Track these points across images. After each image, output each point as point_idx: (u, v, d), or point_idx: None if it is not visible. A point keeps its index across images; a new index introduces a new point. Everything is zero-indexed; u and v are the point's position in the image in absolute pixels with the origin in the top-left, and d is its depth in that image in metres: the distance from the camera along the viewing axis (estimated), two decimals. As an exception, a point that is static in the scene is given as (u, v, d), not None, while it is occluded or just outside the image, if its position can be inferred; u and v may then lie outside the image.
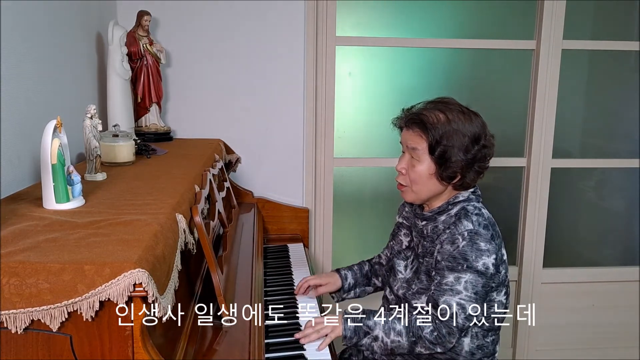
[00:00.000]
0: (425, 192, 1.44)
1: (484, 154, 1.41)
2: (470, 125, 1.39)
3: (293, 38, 2.31)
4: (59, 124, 1.14)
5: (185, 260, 1.19)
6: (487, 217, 1.41)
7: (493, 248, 1.36)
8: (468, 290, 1.33)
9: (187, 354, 1.11)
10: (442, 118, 1.38)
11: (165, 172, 1.57)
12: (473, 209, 1.41)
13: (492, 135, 1.44)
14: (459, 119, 1.38)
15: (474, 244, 1.34)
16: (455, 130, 1.37)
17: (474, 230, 1.36)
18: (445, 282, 1.35)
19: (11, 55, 1.36)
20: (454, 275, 1.34)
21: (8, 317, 0.84)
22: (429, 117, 1.39)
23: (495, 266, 1.35)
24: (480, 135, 1.40)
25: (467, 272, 1.33)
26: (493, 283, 1.38)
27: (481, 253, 1.34)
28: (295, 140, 2.39)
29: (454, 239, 1.36)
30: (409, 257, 1.54)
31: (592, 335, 2.74)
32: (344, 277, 1.71)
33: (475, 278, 1.33)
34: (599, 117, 2.77)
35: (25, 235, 0.97)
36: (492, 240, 1.36)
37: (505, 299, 1.44)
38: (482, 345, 1.44)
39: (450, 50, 2.53)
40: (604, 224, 2.85)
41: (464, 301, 1.33)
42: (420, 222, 1.50)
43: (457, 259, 1.34)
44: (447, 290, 1.34)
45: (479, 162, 1.41)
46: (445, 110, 1.40)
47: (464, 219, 1.38)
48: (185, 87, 2.31)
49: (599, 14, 2.66)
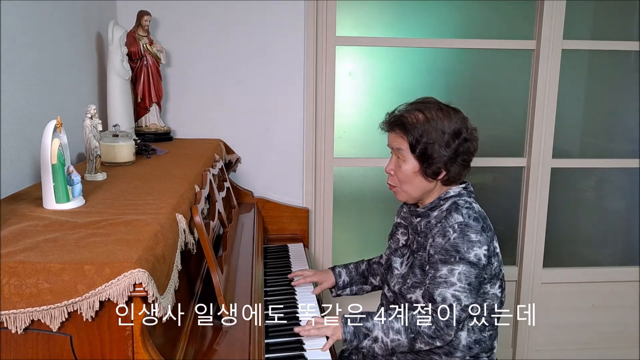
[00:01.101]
0: (414, 190, 1.50)
1: (466, 147, 1.46)
2: (448, 122, 1.45)
3: (293, 38, 2.31)
4: (59, 124, 1.14)
5: (185, 260, 1.19)
6: (477, 211, 1.45)
7: (484, 239, 1.39)
8: (462, 281, 1.36)
9: (187, 354, 1.11)
10: (421, 117, 1.45)
11: (165, 172, 1.57)
12: (464, 202, 1.46)
13: (475, 129, 1.49)
14: (437, 117, 1.45)
15: (465, 236, 1.38)
16: (434, 128, 1.43)
17: (464, 222, 1.40)
18: (439, 275, 1.38)
19: (11, 55, 1.36)
20: (447, 267, 1.37)
21: (8, 317, 0.84)
22: (408, 118, 1.47)
23: (487, 257, 1.39)
24: (460, 129, 1.45)
25: (460, 264, 1.36)
26: (485, 274, 1.41)
27: (472, 244, 1.37)
28: (295, 140, 2.39)
29: (445, 231, 1.40)
30: (405, 254, 1.57)
31: (592, 335, 2.74)
32: (338, 275, 1.78)
33: (468, 269, 1.36)
34: (599, 117, 2.77)
35: (25, 235, 0.97)
36: (482, 232, 1.40)
37: (500, 292, 1.47)
38: (479, 340, 1.46)
39: (450, 50, 2.53)
40: (604, 224, 2.85)
41: (458, 292, 1.36)
42: (415, 219, 1.54)
43: (449, 251, 1.38)
44: (441, 282, 1.37)
45: (462, 155, 1.46)
46: (423, 109, 1.47)
47: (454, 212, 1.43)
48: (185, 87, 2.31)
49: (599, 14, 2.66)
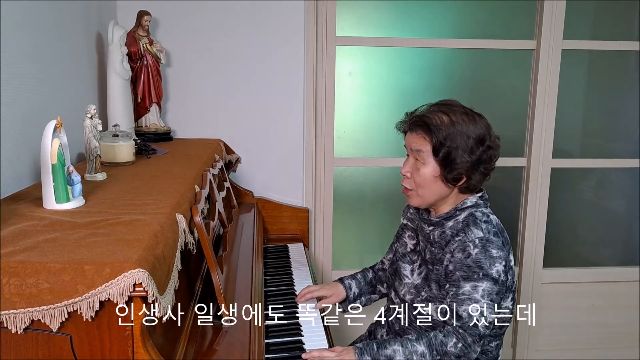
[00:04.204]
0: (430, 195, 1.42)
1: (489, 155, 1.39)
2: (474, 127, 1.37)
3: (293, 38, 2.31)
4: (59, 124, 1.14)
5: (185, 260, 1.19)
6: (496, 224, 1.39)
7: (504, 255, 1.34)
8: (485, 297, 1.30)
9: (187, 354, 1.11)
10: (446, 120, 1.37)
11: (165, 172, 1.57)
12: (481, 215, 1.39)
13: (498, 137, 1.42)
14: (462, 121, 1.37)
15: (487, 252, 1.32)
16: (459, 132, 1.36)
17: (485, 237, 1.33)
18: (462, 292, 1.32)
19: (11, 55, 1.36)
20: (471, 284, 1.31)
21: (8, 317, 0.84)
22: (433, 119, 1.38)
23: (504, 273, 1.34)
24: (484, 136, 1.38)
25: (484, 280, 1.31)
26: (503, 289, 1.36)
27: (494, 260, 1.32)
28: (295, 140, 2.39)
29: (465, 246, 1.34)
30: (415, 261, 1.51)
31: (592, 335, 2.74)
32: (348, 287, 1.66)
33: (491, 286, 1.31)
34: (599, 117, 2.77)
35: (25, 235, 0.97)
36: (503, 247, 1.35)
37: (511, 305, 1.42)
38: (486, 351, 1.43)
39: (450, 50, 2.53)
40: (604, 224, 2.85)
41: (483, 309, 1.30)
42: (427, 227, 1.47)
43: (472, 267, 1.32)
44: (465, 299, 1.31)
45: (484, 163, 1.39)
46: (448, 112, 1.39)
47: (473, 227, 1.36)
48: (185, 87, 2.31)
49: (599, 14, 2.66)
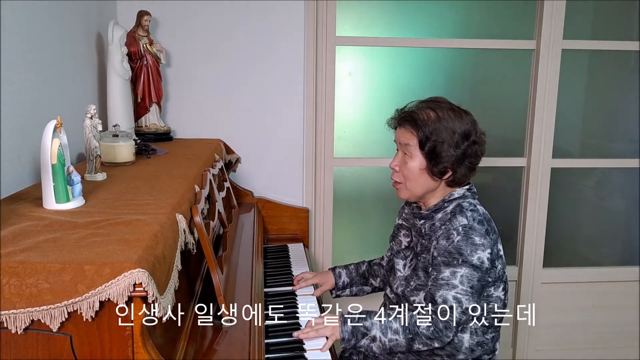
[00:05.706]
0: (418, 188, 1.49)
1: (474, 150, 1.45)
2: (460, 122, 1.44)
3: (293, 38, 2.31)
4: (59, 124, 1.14)
5: (185, 260, 1.19)
6: (482, 213, 1.45)
7: (488, 242, 1.38)
8: (464, 284, 1.35)
9: (187, 353, 1.11)
10: (433, 115, 1.44)
11: (165, 172, 1.57)
12: (468, 205, 1.45)
13: (484, 133, 1.49)
14: (448, 117, 1.44)
15: (469, 239, 1.37)
16: (444, 127, 1.43)
17: (468, 225, 1.39)
18: (441, 277, 1.38)
19: (11, 55, 1.36)
20: (450, 269, 1.37)
21: (8, 317, 0.84)
22: (420, 115, 1.46)
23: (490, 261, 1.38)
24: (470, 131, 1.44)
25: (463, 267, 1.36)
26: (489, 278, 1.40)
27: (476, 247, 1.37)
28: (295, 140, 2.39)
29: (449, 234, 1.40)
30: (408, 256, 1.57)
31: (592, 335, 2.74)
32: (338, 275, 1.78)
33: (470, 272, 1.36)
34: (599, 117, 2.77)
35: (25, 235, 0.97)
36: (487, 235, 1.39)
37: (503, 295, 1.46)
38: (482, 342, 1.45)
39: (450, 50, 2.53)
40: (604, 223, 2.85)
41: (460, 295, 1.35)
42: (418, 222, 1.53)
43: (453, 253, 1.37)
44: (443, 284, 1.37)
45: (470, 157, 1.45)
46: (435, 108, 1.46)
47: (459, 215, 1.42)
48: (185, 87, 2.31)
49: (599, 14, 2.66)
